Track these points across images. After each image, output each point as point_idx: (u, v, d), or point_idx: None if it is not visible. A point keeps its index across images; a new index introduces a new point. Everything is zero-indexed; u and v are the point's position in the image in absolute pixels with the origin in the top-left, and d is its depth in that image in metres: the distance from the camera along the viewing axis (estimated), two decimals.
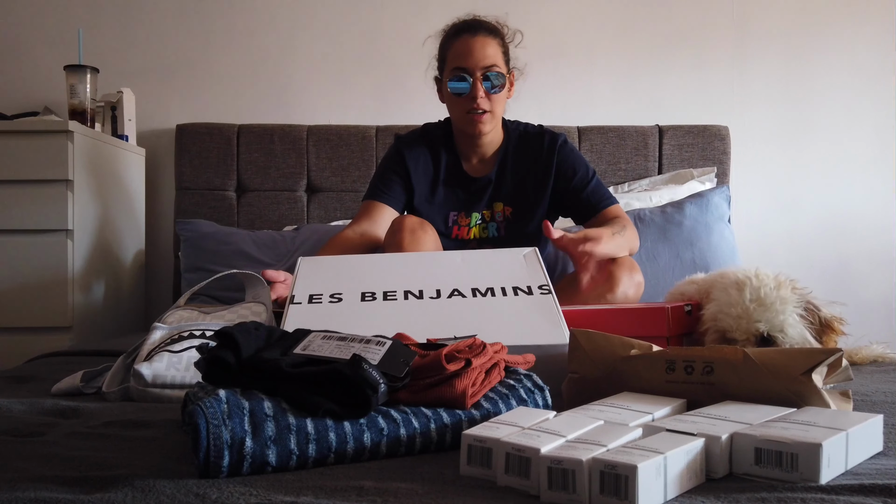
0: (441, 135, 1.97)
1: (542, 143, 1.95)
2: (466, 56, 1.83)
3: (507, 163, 1.95)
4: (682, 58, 2.74)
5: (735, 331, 1.35)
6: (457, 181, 1.95)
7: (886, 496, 0.70)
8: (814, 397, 0.89)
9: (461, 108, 1.85)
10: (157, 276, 2.71)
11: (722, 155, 2.64)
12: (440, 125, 1.99)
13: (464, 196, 1.95)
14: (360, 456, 0.84)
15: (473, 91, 1.82)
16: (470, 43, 1.84)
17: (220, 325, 1.29)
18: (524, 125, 2.01)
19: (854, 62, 2.73)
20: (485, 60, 1.82)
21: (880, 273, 2.73)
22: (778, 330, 1.34)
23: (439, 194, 1.94)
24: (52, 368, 1.52)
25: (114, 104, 2.49)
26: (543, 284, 1.31)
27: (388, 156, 1.99)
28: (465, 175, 1.95)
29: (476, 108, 1.83)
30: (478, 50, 1.83)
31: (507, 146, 1.96)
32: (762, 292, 1.35)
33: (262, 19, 2.73)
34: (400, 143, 1.97)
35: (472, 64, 1.82)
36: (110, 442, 0.93)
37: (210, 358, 0.88)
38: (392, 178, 1.93)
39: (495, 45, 1.86)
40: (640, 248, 2.32)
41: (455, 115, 1.90)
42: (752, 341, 1.34)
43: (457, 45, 1.85)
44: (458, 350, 0.94)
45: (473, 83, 1.82)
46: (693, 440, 0.74)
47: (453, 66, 1.85)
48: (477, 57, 1.82)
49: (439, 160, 1.95)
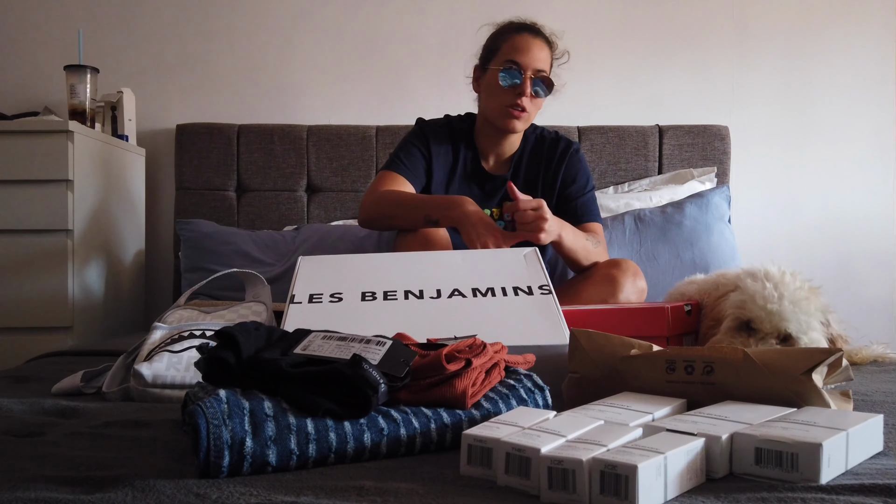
0: (464, 129, 1.97)
1: (557, 149, 1.96)
2: (525, 52, 1.84)
3: (521, 165, 1.96)
4: (682, 58, 2.74)
5: (763, 323, 1.35)
6: (473, 177, 1.96)
7: (887, 496, 0.70)
8: (814, 397, 0.89)
9: (503, 100, 1.84)
10: (157, 276, 2.71)
11: (722, 155, 2.64)
12: (463, 119, 1.99)
13: (479, 192, 1.95)
14: (360, 456, 0.84)
15: (523, 87, 1.82)
16: (530, 41, 1.85)
17: (221, 324, 1.29)
18: (541, 129, 2.02)
19: (854, 62, 2.73)
20: (539, 63, 1.84)
21: (880, 273, 2.73)
22: (803, 332, 1.35)
23: (454, 188, 1.94)
24: (52, 368, 1.53)
25: (114, 104, 2.49)
26: (544, 284, 1.31)
27: (413, 134, 1.96)
28: (482, 172, 1.96)
29: (518, 105, 1.83)
30: (536, 51, 1.85)
31: (523, 149, 1.97)
32: (799, 294, 1.36)
33: (262, 19, 2.73)
34: (426, 128, 1.96)
35: (528, 62, 1.83)
36: (110, 442, 0.93)
37: (210, 358, 0.88)
38: (417, 155, 1.90)
39: (548, 54, 1.88)
40: (640, 248, 2.33)
41: (493, 104, 1.87)
42: (774, 336, 1.35)
43: (516, 40, 1.86)
44: (459, 350, 0.94)
45: (524, 79, 1.83)
46: (693, 440, 0.74)
47: (508, 57, 1.85)
48: (533, 57, 1.84)
49: (458, 153, 1.95)
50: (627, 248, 2.32)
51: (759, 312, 1.35)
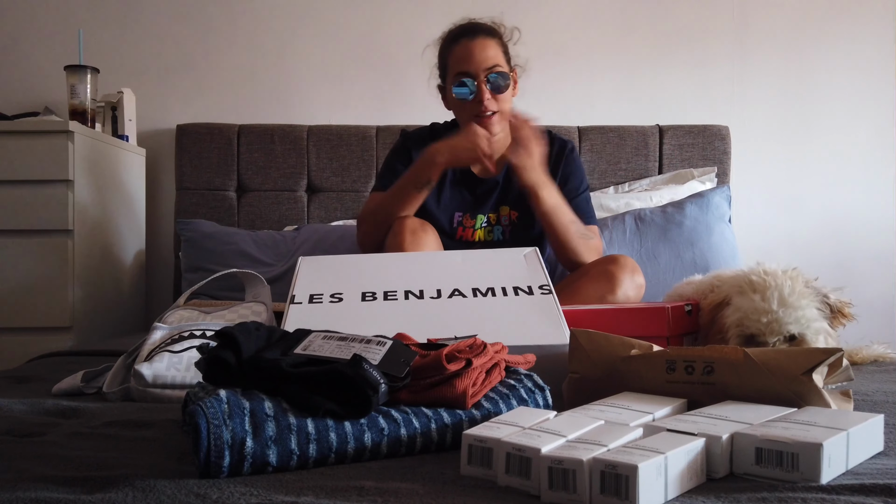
0: (448, 135, 1.96)
1: (552, 149, 1.94)
2: (468, 60, 1.81)
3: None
4: (682, 58, 2.74)
5: (766, 335, 1.36)
6: (464, 182, 1.94)
7: (887, 496, 0.70)
8: (814, 397, 0.89)
9: (468, 112, 1.84)
10: (157, 276, 2.71)
11: (722, 155, 2.64)
12: (447, 125, 1.98)
13: (470, 197, 1.94)
14: (360, 456, 0.84)
15: (479, 94, 1.81)
16: (469, 46, 1.82)
17: (221, 325, 1.29)
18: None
19: (854, 62, 2.73)
20: (486, 62, 1.81)
21: (880, 273, 2.73)
22: (806, 327, 1.36)
23: (445, 194, 1.93)
24: (53, 368, 1.53)
25: (114, 104, 2.49)
26: (544, 284, 1.31)
27: (395, 150, 1.98)
28: (472, 176, 1.94)
29: (484, 111, 1.81)
30: (478, 52, 1.81)
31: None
32: (784, 293, 1.36)
33: (262, 19, 2.73)
34: (407, 140, 1.96)
35: (475, 67, 1.81)
36: (111, 442, 0.93)
37: (210, 358, 0.88)
38: (400, 171, 1.90)
39: (495, 46, 1.84)
40: (641, 248, 2.33)
41: (463, 118, 1.87)
42: (783, 340, 1.36)
43: (457, 51, 1.84)
44: (459, 350, 0.94)
45: (478, 86, 1.81)
46: (694, 440, 0.74)
47: (455, 71, 1.83)
48: (478, 59, 1.81)
49: None
50: (628, 247, 2.32)
51: (759, 326, 1.37)
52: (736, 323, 1.39)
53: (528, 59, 1.95)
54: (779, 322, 1.35)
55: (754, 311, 1.37)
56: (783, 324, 1.35)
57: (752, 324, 1.37)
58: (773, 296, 1.36)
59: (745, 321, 1.38)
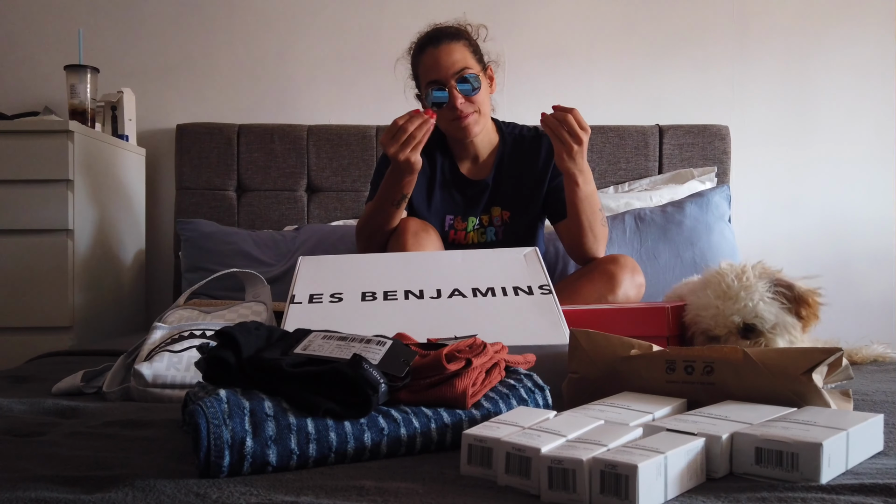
0: (437, 136, 1.96)
1: (540, 146, 1.94)
2: (435, 67, 1.82)
3: (503, 166, 1.94)
4: (682, 58, 2.74)
5: (715, 328, 1.36)
6: (453, 184, 1.94)
7: (887, 496, 0.70)
8: (814, 397, 0.89)
9: (446, 118, 1.85)
10: (157, 276, 2.71)
11: (722, 154, 2.64)
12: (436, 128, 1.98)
13: (461, 199, 1.94)
14: (360, 456, 0.84)
15: (451, 100, 1.81)
16: (435, 54, 1.83)
17: (221, 324, 1.29)
18: (520, 127, 2.00)
19: (854, 62, 2.73)
20: (454, 66, 1.81)
21: (880, 273, 2.73)
22: (752, 317, 1.34)
23: (436, 197, 1.93)
24: (53, 368, 1.53)
25: (114, 104, 2.49)
26: (544, 284, 1.31)
27: (383, 157, 1.98)
28: (461, 178, 1.94)
29: (459, 115, 1.82)
30: (444, 58, 1.82)
31: (503, 149, 1.95)
32: (723, 286, 1.36)
33: (262, 19, 2.73)
34: None
35: (443, 74, 1.81)
36: (110, 442, 0.93)
37: (210, 358, 0.88)
38: None
39: (461, 48, 1.84)
40: (641, 247, 2.33)
41: (441, 124, 1.89)
42: (735, 333, 1.35)
43: (424, 60, 1.85)
44: (459, 350, 0.94)
45: (450, 92, 1.81)
46: (693, 440, 0.74)
47: (426, 80, 1.85)
48: (445, 66, 1.81)
49: (435, 162, 1.94)
50: (628, 247, 2.32)
51: (708, 322, 1.37)
52: (692, 321, 1.40)
53: (500, 53, 1.95)
54: (721, 315, 1.34)
55: (701, 307, 1.37)
56: (726, 316, 1.34)
57: (701, 320, 1.37)
58: (711, 291, 1.36)
59: (697, 318, 1.38)
